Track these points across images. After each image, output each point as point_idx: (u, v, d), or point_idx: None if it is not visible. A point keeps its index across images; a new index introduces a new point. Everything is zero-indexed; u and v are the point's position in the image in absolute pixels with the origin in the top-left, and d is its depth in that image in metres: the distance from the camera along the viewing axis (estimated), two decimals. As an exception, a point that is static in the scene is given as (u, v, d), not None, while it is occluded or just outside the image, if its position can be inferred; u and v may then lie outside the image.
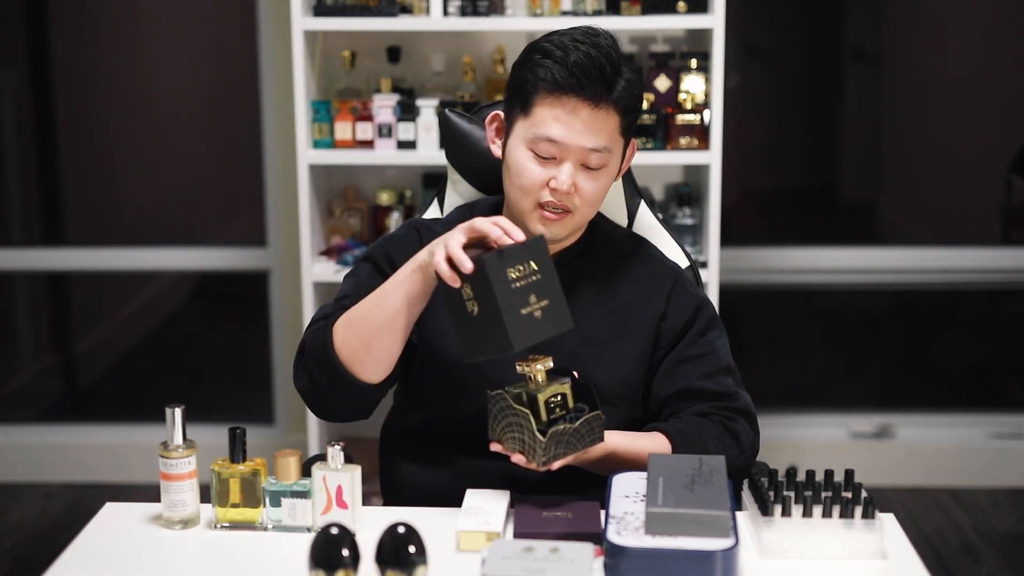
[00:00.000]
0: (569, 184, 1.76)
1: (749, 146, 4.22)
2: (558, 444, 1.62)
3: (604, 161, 1.78)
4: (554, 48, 1.76)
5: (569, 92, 1.74)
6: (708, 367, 1.87)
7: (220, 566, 1.63)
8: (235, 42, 4.15)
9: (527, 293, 1.60)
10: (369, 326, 1.73)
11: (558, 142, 1.75)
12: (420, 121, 3.06)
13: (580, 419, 1.63)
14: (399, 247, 1.91)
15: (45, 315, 4.43)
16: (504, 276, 1.58)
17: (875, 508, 1.60)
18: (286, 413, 3.78)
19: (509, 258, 1.59)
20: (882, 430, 3.82)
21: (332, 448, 1.65)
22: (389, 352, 1.76)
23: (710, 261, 3.04)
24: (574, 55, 1.73)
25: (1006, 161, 4.10)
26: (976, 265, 3.83)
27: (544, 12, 2.98)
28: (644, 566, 1.47)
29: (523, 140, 1.79)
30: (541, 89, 1.75)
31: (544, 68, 1.75)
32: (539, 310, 1.60)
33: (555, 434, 1.61)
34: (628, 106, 1.78)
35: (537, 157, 1.78)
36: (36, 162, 4.30)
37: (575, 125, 1.74)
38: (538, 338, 1.60)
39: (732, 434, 1.82)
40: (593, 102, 1.74)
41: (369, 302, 1.75)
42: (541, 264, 1.61)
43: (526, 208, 1.81)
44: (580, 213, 1.81)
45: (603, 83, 1.74)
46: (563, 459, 1.64)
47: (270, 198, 3.67)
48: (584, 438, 1.64)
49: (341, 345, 1.76)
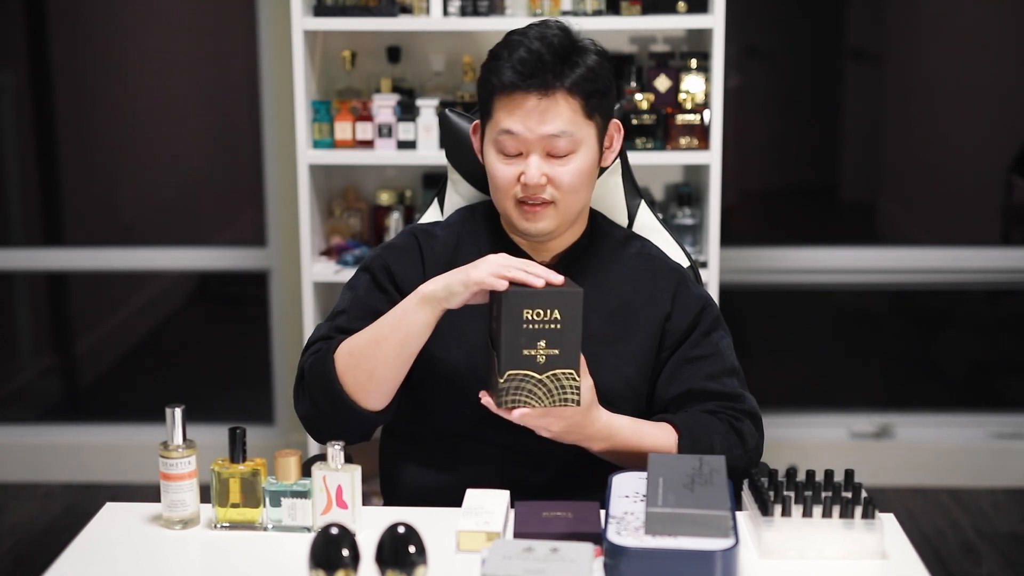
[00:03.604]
0: (538, 175, 1.78)
1: (749, 146, 4.23)
2: (519, 390, 1.61)
3: (571, 146, 1.79)
4: (502, 49, 1.81)
5: (517, 88, 1.77)
6: (713, 368, 1.87)
7: (220, 566, 1.63)
8: (235, 42, 4.15)
9: (537, 337, 1.60)
10: (373, 358, 1.76)
11: (515, 134, 1.78)
12: (420, 121, 3.06)
13: (547, 371, 1.61)
14: (398, 256, 1.92)
15: (45, 315, 4.43)
16: (518, 314, 1.59)
17: (875, 508, 1.60)
18: (286, 413, 3.78)
19: (531, 299, 1.60)
20: (882, 430, 3.82)
21: (332, 448, 1.65)
22: (394, 382, 1.78)
23: (710, 261, 3.04)
24: (519, 52, 1.77)
25: (1006, 161, 4.10)
26: (976, 265, 3.83)
27: (544, 12, 2.98)
28: (644, 566, 1.47)
29: (490, 142, 1.83)
30: (494, 91, 1.80)
31: (494, 71, 1.80)
32: (543, 356, 1.60)
33: (514, 377, 1.60)
34: (589, 90, 1.79)
35: (504, 156, 1.81)
36: (36, 162, 4.30)
37: (529, 116, 1.77)
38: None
39: (738, 434, 1.82)
40: (541, 92, 1.76)
41: (373, 333, 1.77)
42: (566, 317, 1.60)
43: (508, 208, 1.83)
44: (563, 202, 1.81)
45: (551, 72, 1.76)
46: (529, 411, 1.62)
47: (270, 198, 3.67)
48: (553, 395, 1.61)
49: (344, 374, 1.77)
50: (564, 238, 1.90)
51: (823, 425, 3.84)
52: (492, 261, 1.68)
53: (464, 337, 1.84)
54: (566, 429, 1.69)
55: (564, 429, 1.69)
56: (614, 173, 2.08)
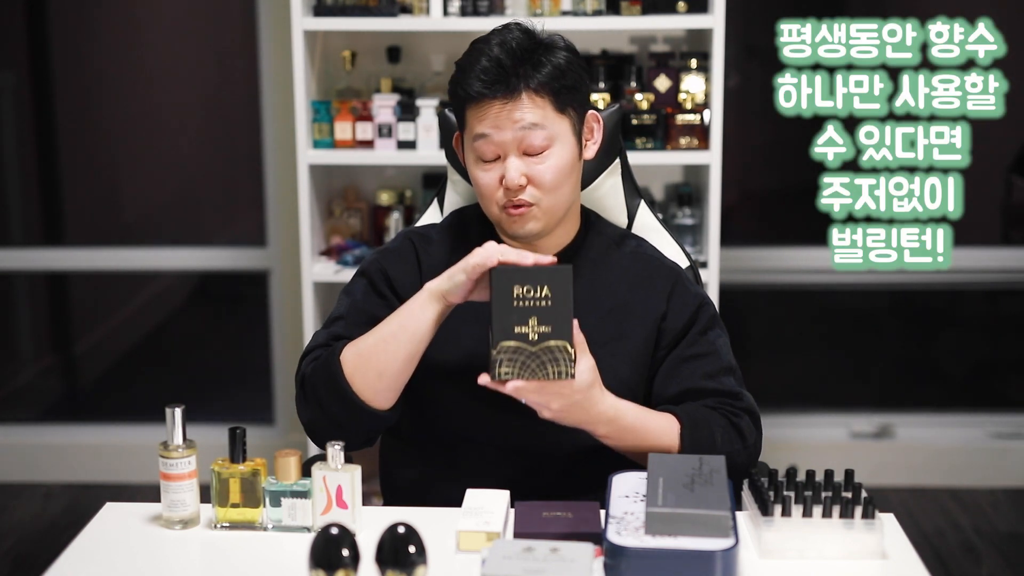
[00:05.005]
0: (518, 176, 1.78)
1: (749, 146, 4.22)
2: (512, 362, 1.60)
3: (546, 142, 1.79)
4: (466, 60, 1.82)
5: (484, 96, 1.78)
6: (710, 367, 1.87)
7: (220, 566, 1.63)
8: (235, 42, 4.14)
9: (527, 314, 1.60)
10: (382, 356, 1.76)
11: (489, 136, 1.79)
12: (420, 121, 3.06)
13: (540, 343, 1.61)
14: (394, 260, 1.92)
15: (45, 315, 4.43)
16: (508, 290, 1.59)
17: (875, 508, 1.60)
18: (286, 413, 3.78)
19: (520, 276, 1.60)
20: (882, 430, 3.82)
21: (332, 448, 1.65)
22: (402, 378, 1.79)
23: (710, 261, 3.04)
24: (480, 63, 1.79)
25: (1006, 161, 4.10)
26: (976, 265, 3.83)
27: (544, 12, 2.98)
28: (644, 566, 1.47)
29: (470, 151, 1.84)
30: (464, 103, 1.82)
31: (460, 83, 1.82)
32: (536, 333, 1.60)
33: (506, 349, 1.60)
34: (556, 86, 1.79)
35: (483, 162, 1.82)
36: (36, 162, 4.30)
37: (499, 118, 1.78)
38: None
39: (737, 429, 1.82)
40: (506, 96, 1.78)
41: (382, 332, 1.77)
42: (555, 293, 1.60)
43: (495, 215, 1.84)
44: (544, 202, 1.81)
45: (513, 76, 1.77)
46: (523, 384, 1.61)
47: (270, 198, 3.67)
48: (546, 367, 1.61)
49: (353, 375, 1.77)
50: (557, 238, 1.90)
51: (823, 425, 3.84)
52: (487, 246, 1.70)
53: (460, 341, 1.84)
54: (566, 407, 1.67)
55: (564, 407, 1.67)
56: (614, 173, 2.08)
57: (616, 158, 2.08)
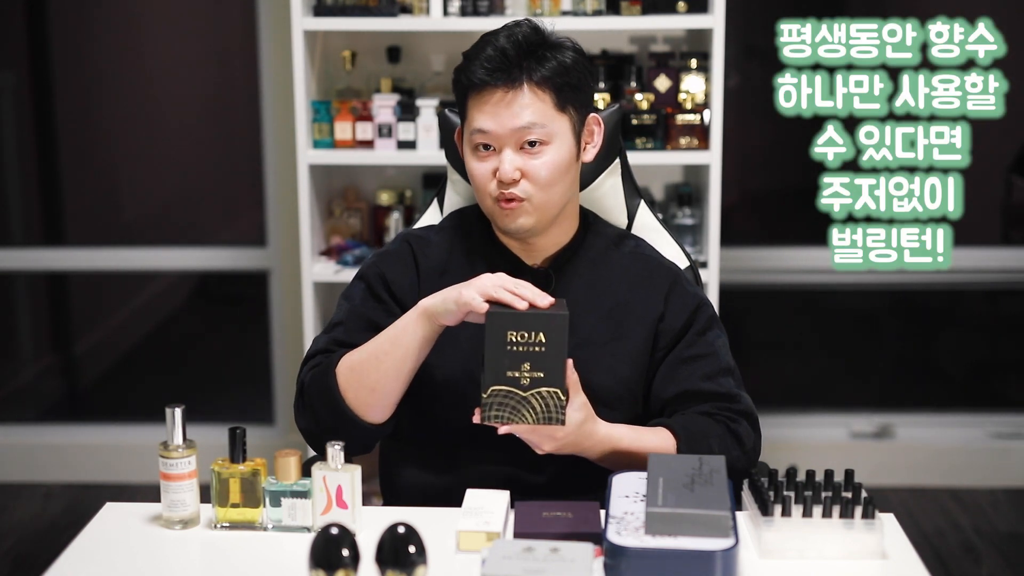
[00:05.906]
0: (511, 169, 1.78)
1: (749, 146, 4.22)
2: (503, 406, 1.61)
3: (543, 138, 1.79)
4: (472, 51, 1.83)
5: (486, 84, 1.79)
6: (709, 368, 1.87)
7: (220, 566, 1.63)
8: (235, 42, 4.14)
9: (520, 359, 1.60)
10: (375, 372, 1.77)
11: (487, 131, 1.79)
12: (420, 121, 3.06)
13: (531, 389, 1.61)
14: (392, 263, 1.92)
15: (45, 315, 4.43)
16: (502, 336, 1.59)
17: (875, 508, 1.60)
18: (286, 413, 3.78)
19: (515, 321, 1.60)
20: (882, 430, 3.82)
21: (332, 448, 1.65)
22: (396, 395, 1.80)
23: (710, 261, 3.04)
24: (486, 52, 1.79)
25: (1006, 161, 4.10)
26: (976, 265, 3.83)
27: (544, 12, 2.98)
28: (644, 566, 1.47)
29: (468, 143, 1.84)
30: (466, 91, 1.82)
31: (464, 72, 1.82)
32: (528, 378, 1.60)
33: (496, 393, 1.60)
34: (559, 83, 1.79)
35: (479, 154, 1.82)
36: (36, 162, 4.30)
37: (498, 111, 1.78)
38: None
39: (735, 435, 1.82)
40: (507, 85, 1.78)
41: (374, 348, 1.78)
42: (550, 340, 1.60)
43: (488, 207, 1.84)
44: (537, 198, 1.81)
45: (516, 67, 1.78)
46: (513, 428, 1.62)
47: (270, 198, 3.67)
48: (537, 413, 1.61)
49: (347, 389, 1.78)
50: (555, 238, 1.90)
51: (823, 425, 3.84)
52: (483, 280, 1.68)
53: (459, 343, 1.84)
54: (559, 448, 1.70)
55: (556, 449, 1.69)
56: (614, 173, 2.08)
57: (616, 158, 2.08)
